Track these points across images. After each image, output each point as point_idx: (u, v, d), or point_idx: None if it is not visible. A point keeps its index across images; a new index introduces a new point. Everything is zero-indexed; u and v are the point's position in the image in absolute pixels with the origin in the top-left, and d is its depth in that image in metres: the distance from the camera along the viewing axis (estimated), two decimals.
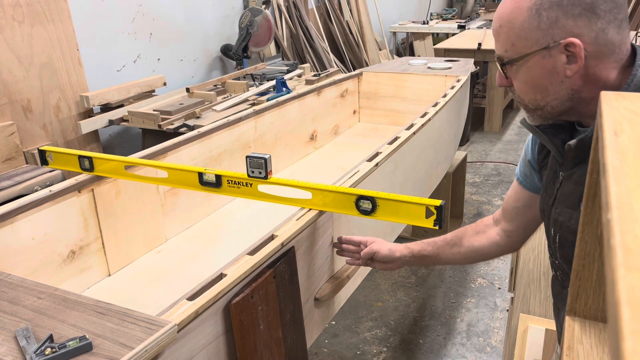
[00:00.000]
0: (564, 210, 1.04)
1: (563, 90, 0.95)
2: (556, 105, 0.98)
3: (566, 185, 1.03)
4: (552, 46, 0.92)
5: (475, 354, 2.39)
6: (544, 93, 0.97)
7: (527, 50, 0.95)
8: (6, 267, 1.36)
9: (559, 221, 1.05)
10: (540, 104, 0.99)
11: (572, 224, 1.01)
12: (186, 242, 1.87)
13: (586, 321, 0.78)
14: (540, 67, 0.95)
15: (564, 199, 1.04)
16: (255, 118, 2.29)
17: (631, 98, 0.61)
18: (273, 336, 1.21)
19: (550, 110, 0.99)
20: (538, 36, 0.93)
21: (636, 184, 0.43)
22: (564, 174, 1.04)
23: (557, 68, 0.94)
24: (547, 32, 0.92)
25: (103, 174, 1.60)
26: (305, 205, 1.38)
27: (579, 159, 0.99)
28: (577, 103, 0.97)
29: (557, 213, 1.06)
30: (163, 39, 3.39)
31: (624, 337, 0.30)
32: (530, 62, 0.95)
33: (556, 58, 0.93)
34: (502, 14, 0.97)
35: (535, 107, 1.01)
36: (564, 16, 0.90)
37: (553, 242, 1.09)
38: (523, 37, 0.94)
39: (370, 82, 3.12)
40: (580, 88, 0.95)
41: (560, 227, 1.05)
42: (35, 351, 0.85)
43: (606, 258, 0.39)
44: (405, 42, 6.77)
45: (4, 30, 2.32)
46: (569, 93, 0.95)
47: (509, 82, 1.02)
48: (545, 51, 0.93)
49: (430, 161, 2.42)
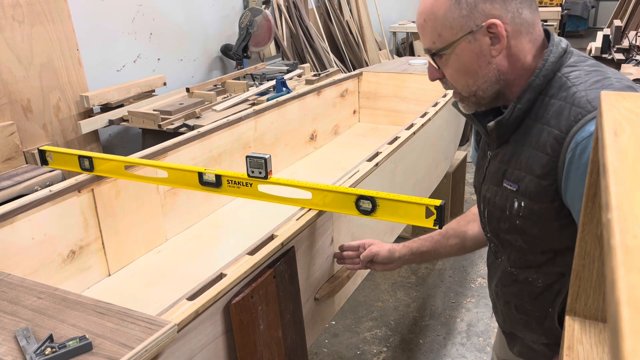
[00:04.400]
0: (490, 187, 1.11)
1: (491, 72, 1.01)
2: (486, 88, 1.03)
3: (493, 164, 1.10)
4: (476, 30, 0.98)
5: (475, 354, 2.39)
6: (474, 77, 1.03)
7: (453, 38, 1.00)
8: (6, 267, 1.36)
9: (487, 197, 1.12)
10: (472, 89, 1.04)
11: (497, 200, 1.09)
12: (186, 242, 1.87)
13: (586, 321, 0.78)
14: (467, 51, 1.00)
15: (490, 177, 1.11)
16: (255, 118, 2.29)
17: (631, 98, 0.61)
18: (273, 336, 1.21)
19: (482, 94, 1.04)
20: (461, 23, 0.99)
21: (636, 184, 0.43)
22: (491, 153, 1.11)
23: (483, 50, 1.00)
24: (469, 18, 0.98)
25: (103, 174, 1.60)
26: (305, 205, 1.38)
27: (502, 140, 1.06)
28: (504, 86, 1.03)
29: (485, 190, 1.13)
30: (163, 39, 3.39)
31: (624, 337, 0.30)
32: (457, 48, 1.01)
33: (481, 41, 0.99)
34: (424, 9, 1.03)
35: (468, 94, 1.06)
36: (482, 1, 0.97)
37: (483, 217, 1.17)
38: (448, 26, 1.00)
39: (370, 82, 3.12)
40: (506, 69, 1.01)
41: (488, 203, 1.12)
42: (35, 351, 0.85)
43: (606, 258, 0.39)
44: (405, 42, 6.77)
45: (4, 30, 2.32)
46: (496, 74, 1.01)
47: (440, 73, 1.07)
48: (470, 36, 0.99)
49: (430, 161, 2.42)
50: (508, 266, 1.15)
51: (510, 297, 1.17)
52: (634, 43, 3.87)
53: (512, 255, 1.13)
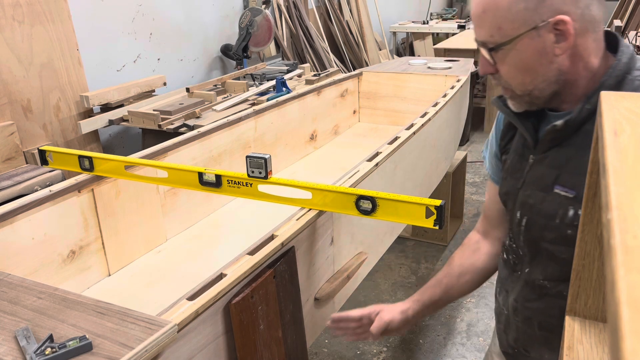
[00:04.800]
0: (534, 193, 1.03)
1: (551, 72, 0.94)
2: (543, 88, 0.96)
3: (538, 169, 1.03)
4: (541, 26, 0.90)
5: (475, 354, 2.39)
6: (533, 75, 0.96)
7: (515, 33, 0.92)
8: (6, 267, 1.36)
9: (529, 204, 1.04)
10: (528, 88, 0.97)
11: (544, 206, 1.01)
12: (186, 242, 1.87)
13: (586, 321, 0.78)
14: (529, 48, 0.93)
15: (534, 182, 1.03)
16: (255, 118, 2.29)
17: (631, 98, 0.61)
18: (273, 336, 1.21)
19: (537, 94, 0.98)
20: (526, 17, 0.91)
21: (636, 184, 0.43)
22: (534, 157, 1.03)
23: (547, 48, 0.92)
24: (535, 12, 0.90)
25: (103, 174, 1.60)
26: (305, 205, 1.38)
27: (554, 143, 0.99)
28: (562, 87, 0.97)
29: (526, 196, 1.05)
30: (163, 39, 3.39)
31: (624, 337, 0.30)
32: (519, 44, 0.93)
33: (545, 38, 0.91)
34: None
35: (522, 93, 0.99)
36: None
37: (517, 225, 1.08)
38: (510, 19, 0.92)
39: (370, 82, 3.12)
40: (567, 69, 0.94)
41: (530, 210, 1.04)
42: (35, 351, 0.85)
43: (606, 258, 0.39)
44: (405, 42, 6.77)
45: (4, 30, 2.32)
46: (556, 74, 0.95)
47: (494, 68, 1.00)
48: (533, 31, 0.91)
49: (430, 161, 2.42)
50: (540, 279, 1.06)
51: (535, 312, 1.09)
52: (634, 43, 3.87)
53: (549, 267, 1.05)
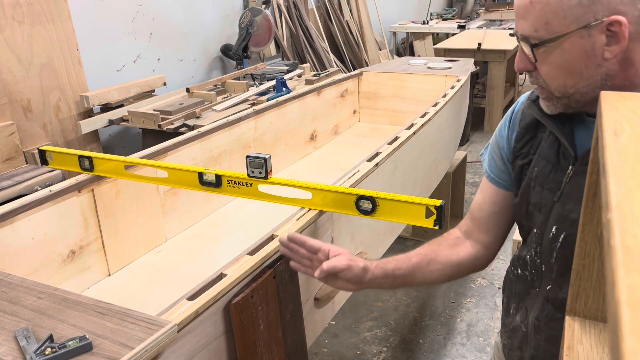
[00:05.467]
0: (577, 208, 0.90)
1: (598, 75, 0.86)
2: (586, 92, 0.88)
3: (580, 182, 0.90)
4: (593, 25, 0.82)
5: (475, 354, 2.39)
6: (576, 78, 0.88)
7: (564, 30, 0.84)
8: (6, 267, 1.36)
9: (570, 219, 0.94)
10: (568, 91, 0.89)
11: None
12: (186, 242, 1.87)
13: (586, 321, 0.78)
14: (577, 48, 0.85)
15: (576, 195, 0.92)
16: (255, 118, 2.29)
17: (631, 98, 0.61)
18: (273, 336, 1.21)
19: (578, 98, 0.90)
20: (578, 13, 0.82)
21: (636, 184, 0.43)
22: (575, 168, 0.94)
23: (596, 50, 0.84)
24: (589, 9, 0.82)
25: (103, 174, 1.60)
26: (305, 205, 1.38)
27: None
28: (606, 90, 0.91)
29: (567, 210, 0.95)
30: (163, 39, 3.39)
31: (624, 337, 0.30)
32: (566, 42, 0.85)
33: (595, 38, 0.83)
34: None
35: (561, 95, 0.91)
36: None
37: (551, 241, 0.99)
38: (561, 15, 0.83)
39: (370, 82, 3.12)
40: (615, 73, 0.86)
41: (571, 225, 0.94)
42: (35, 351, 0.85)
43: (606, 258, 0.39)
44: (405, 42, 6.77)
45: (4, 30, 2.32)
46: (603, 78, 0.86)
47: (532, 66, 0.91)
48: (584, 30, 0.83)
49: (430, 161, 2.42)
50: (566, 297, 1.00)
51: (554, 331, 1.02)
52: None
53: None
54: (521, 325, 1.11)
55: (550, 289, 1.02)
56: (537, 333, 1.06)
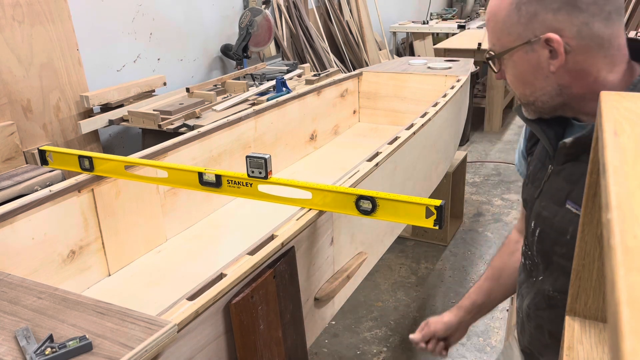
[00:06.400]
0: (549, 206, 1.01)
1: (550, 86, 0.94)
2: (546, 100, 0.96)
3: (555, 180, 1.01)
4: (534, 41, 0.90)
5: (475, 354, 2.39)
6: (531, 88, 0.96)
7: (510, 45, 0.94)
8: (6, 267, 1.36)
9: (542, 216, 1.03)
10: (530, 99, 0.98)
11: (556, 220, 1.00)
12: (186, 242, 1.87)
13: (586, 321, 0.78)
14: (524, 62, 0.94)
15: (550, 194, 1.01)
16: (255, 118, 2.29)
17: (631, 98, 0.61)
18: (273, 336, 1.21)
19: (541, 105, 0.97)
20: (519, 30, 0.91)
21: (636, 184, 0.43)
22: (553, 167, 1.01)
23: (541, 63, 0.92)
24: (528, 27, 0.90)
25: (103, 174, 1.60)
26: (305, 205, 1.38)
27: (571, 156, 0.97)
28: (569, 99, 0.95)
29: (542, 207, 1.03)
30: (163, 39, 3.39)
31: (624, 337, 0.30)
32: (514, 56, 0.94)
33: (539, 53, 0.91)
34: (490, 8, 0.97)
35: (525, 102, 1.00)
36: (544, 10, 0.89)
37: (532, 235, 1.07)
38: (506, 32, 0.93)
39: (370, 82, 3.12)
40: (569, 83, 0.93)
41: (543, 222, 1.03)
42: (35, 351, 0.85)
43: (606, 258, 0.39)
44: (405, 42, 6.77)
45: (4, 30, 2.32)
46: (556, 89, 0.94)
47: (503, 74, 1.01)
48: (527, 46, 0.92)
49: (430, 161, 2.42)
50: (550, 289, 1.06)
51: (545, 321, 1.09)
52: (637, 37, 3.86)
53: (559, 280, 1.04)
54: (519, 312, 1.19)
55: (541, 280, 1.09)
56: (529, 320, 1.14)
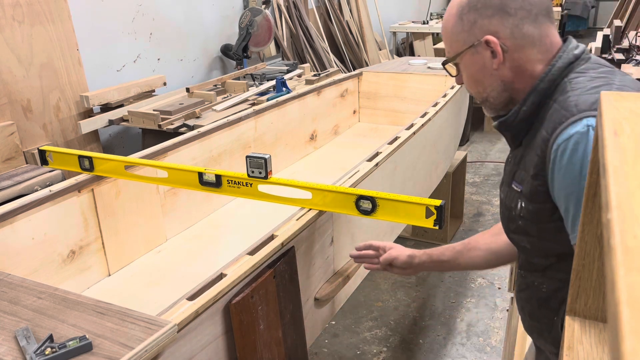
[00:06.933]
0: (504, 188, 1.15)
1: (495, 82, 1.07)
2: (495, 96, 1.08)
3: (508, 166, 1.14)
4: (476, 44, 1.05)
5: (475, 354, 2.39)
6: (482, 86, 1.09)
7: (459, 50, 1.08)
8: (6, 267, 1.36)
9: (501, 198, 1.17)
10: (483, 96, 1.10)
11: (507, 200, 1.12)
12: (186, 242, 1.87)
13: (586, 321, 0.78)
14: (472, 63, 1.08)
15: (505, 178, 1.16)
16: (255, 118, 2.29)
17: (631, 98, 0.61)
18: (273, 336, 1.21)
19: (492, 101, 1.10)
20: (464, 37, 1.06)
21: (636, 184, 0.43)
22: (510, 156, 1.16)
23: (486, 63, 1.06)
24: (470, 33, 1.05)
25: (103, 174, 1.60)
26: (305, 205, 1.38)
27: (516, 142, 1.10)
28: (514, 93, 1.07)
29: (501, 191, 1.17)
30: (163, 39, 3.39)
31: (624, 337, 0.30)
32: (464, 59, 1.08)
33: (483, 54, 1.05)
34: (443, 20, 1.12)
35: (480, 100, 1.12)
36: (480, 18, 1.03)
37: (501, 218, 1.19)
38: (455, 39, 1.08)
39: (370, 82, 3.12)
40: (511, 79, 1.06)
41: (502, 203, 1.15)
42: (35, 351, 0.85)
43: (606, 258, 0.39)
44: (405, 42, 6.77)
45: (4, 30, 2.32)
46: (501, 85, 1.07)
47: (461, 79, 1.14)
48: (472, 49, 1.06)
49: (430, 161, 2.42)
50: (519, 269, 1.17)
51: (524, 302, 1.17)
52: (634, 43, 3.86)
53: (521, 257, 1.15)
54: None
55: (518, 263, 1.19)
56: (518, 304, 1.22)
